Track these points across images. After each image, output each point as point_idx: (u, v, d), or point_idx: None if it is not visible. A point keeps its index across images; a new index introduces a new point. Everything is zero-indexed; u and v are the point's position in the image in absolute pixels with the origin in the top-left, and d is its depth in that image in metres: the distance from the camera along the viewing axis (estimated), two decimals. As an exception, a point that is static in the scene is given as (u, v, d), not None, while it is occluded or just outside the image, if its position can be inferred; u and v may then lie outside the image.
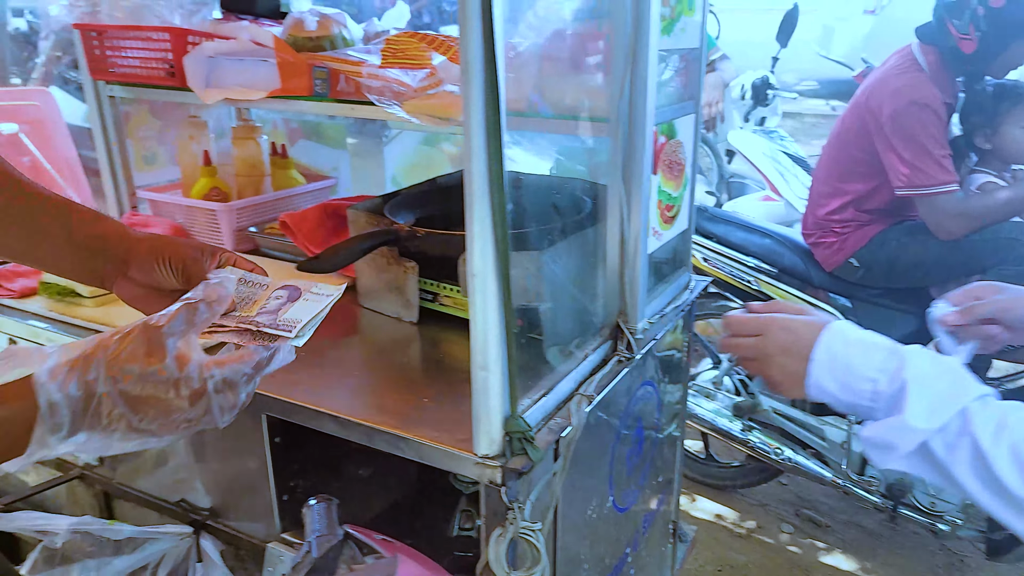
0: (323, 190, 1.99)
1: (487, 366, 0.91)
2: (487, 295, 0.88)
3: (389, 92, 1.34)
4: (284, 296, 0.80)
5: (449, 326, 1.37)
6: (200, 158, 1.80)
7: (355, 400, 1.13)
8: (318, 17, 1.59)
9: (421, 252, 1.35)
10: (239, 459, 1.23)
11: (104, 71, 1.70)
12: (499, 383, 0.92)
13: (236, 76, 1.57)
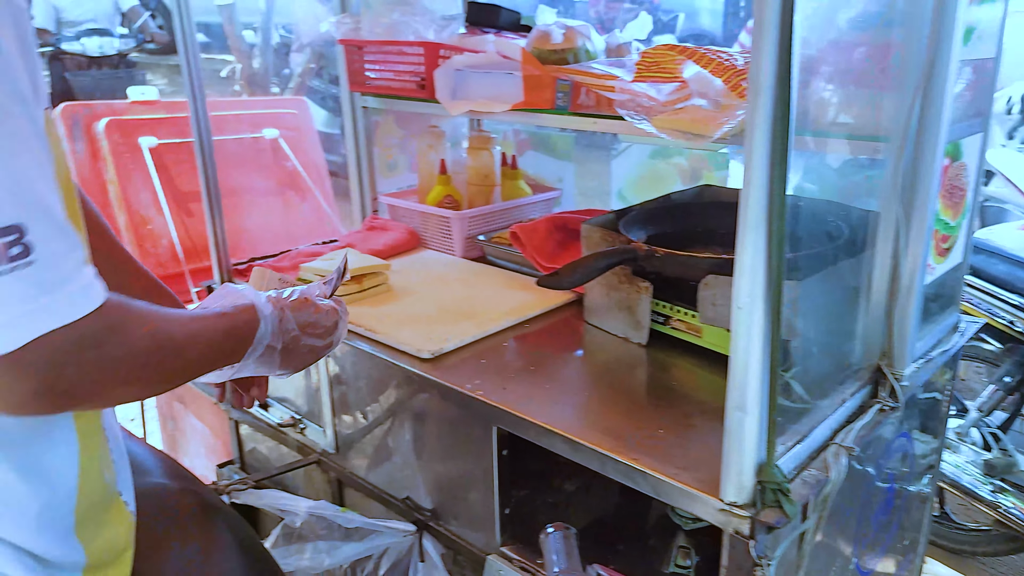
0: (548, 201, 2.00)
1: (745, 407, 0.83)
2: (752, 330, 0.81)
3: (636, 106, 1.30)
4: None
5: (680, 351, 1.31)
6: (437, 166, 1.88)
7: (584, 421, 1.10)
8: (564, 30, 1.58)
9: (656, 272, 1.30)
10: (465, 466, 1.25)
11: (361, 83, 1.82)
12: (756, 426, 0.84)
13: (481, 89, 1.62)
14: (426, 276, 1.68)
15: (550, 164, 2.14)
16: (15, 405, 0.66)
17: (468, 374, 1.23)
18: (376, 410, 1.38)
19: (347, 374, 1.41)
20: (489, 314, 1.44)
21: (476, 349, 1.33)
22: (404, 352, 1.30)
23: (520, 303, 1.49)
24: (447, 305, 1.49)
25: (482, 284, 1.62)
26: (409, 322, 1.40)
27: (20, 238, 0.62)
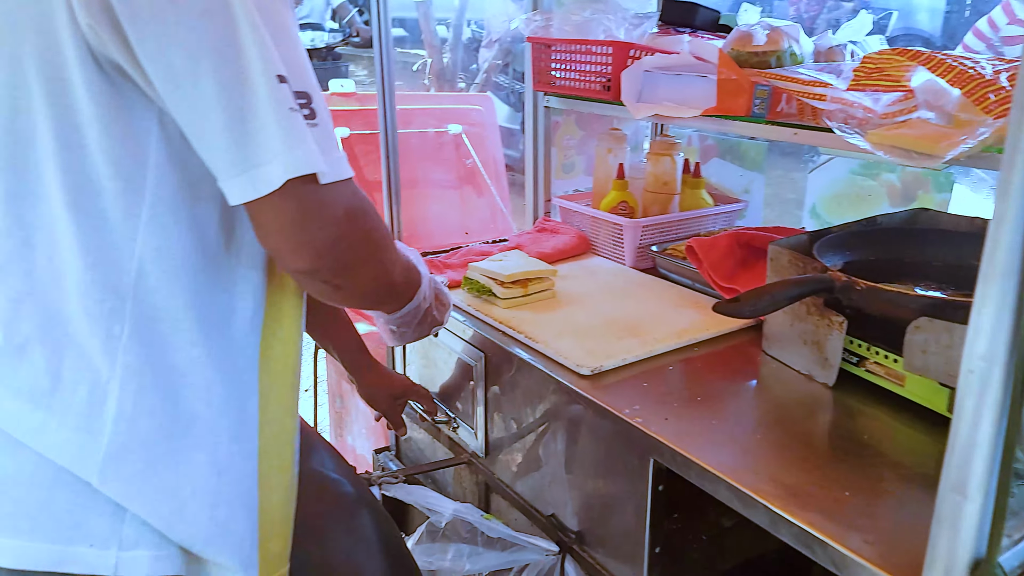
0: (731, 214, 1.86)
1: (965, 490, 0.69)
2: (986, 399, 0.66)
3: (847, 117, 1.15)
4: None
5: (875, 399, 1.14)
6: (614, 171, 1.80)
7: (754, 468, 0.99)
8: (768, 30, 1.45)
9: (854, 307, 1.14)
10: (617, 493, 1.17)
11: (546, 83, 1.78)
12: (977, 515, 0.69)
13: (670, 92, 1.52)
14: (592, 284, 1.61)
15: (737, 173, 1.99)
16: (322, 246, 0.74)
17: (628, 397, 1.15)
18: (528, 419, 1.33)
19: (502, 378, 1.38)
20: (656, 332, 1.34)
21: (639, 370, 1.24)
22: (562, 365, 1.24)
23: (690, 323, 1.38)
24: (612, 318, 1.41)
25: (650, 299, 1.52)
26: (570, 333, 1.34)
27: (309, 103, 0.72)
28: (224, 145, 0.69)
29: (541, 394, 1.29)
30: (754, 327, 1.36)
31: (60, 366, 0.76)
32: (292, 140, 0.70)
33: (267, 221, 0.73)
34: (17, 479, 0.76)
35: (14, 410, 0.76)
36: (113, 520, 0.77)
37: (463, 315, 1.47)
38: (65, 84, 0.71)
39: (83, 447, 0.76)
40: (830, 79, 1.24)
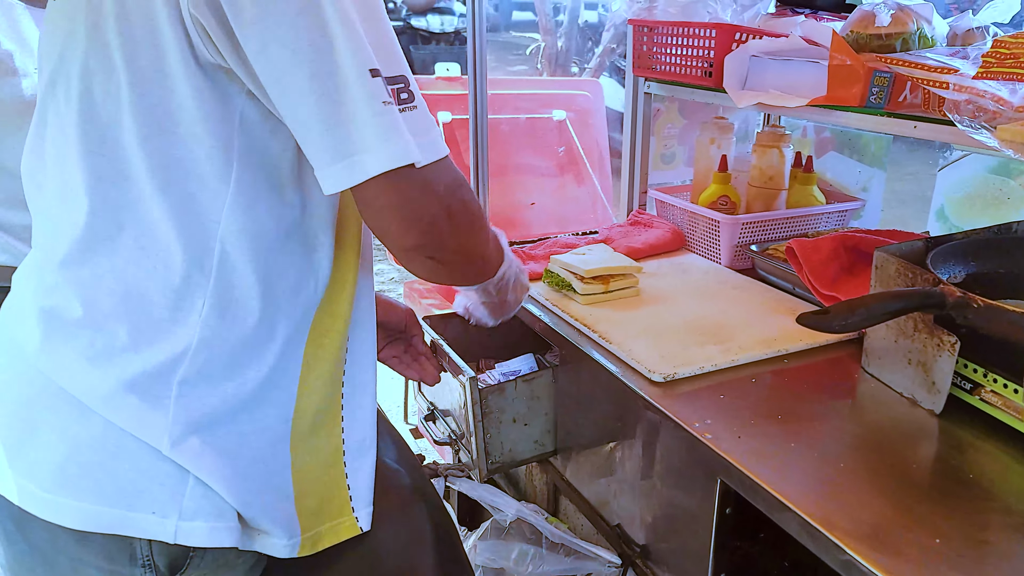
0: (845, 213, 1.70)
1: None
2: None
3: (975, 110, 1.01)
4: None
5: (988, 432, 1.00)
6: (716, 163, 1.69)
7: (833, 501, 0.88)
8: (894, 10, 1.30)
9: (970, 326, 1.00)
10: (683, 510, 1.09)
11: (646, 68, 1.69)
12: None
13: (777, 79, 1.40)
14: (682, 283, 1.52)
15: (856, 169, 1.82)
16: (413, 227, 0.77)
17: (701, 409, 1.07)
18: (599, 422, 1.27)
19: (575, 375, 1.32)
20: (742, 340, 1.24)
21: (717, 380, 1.15)
22: (634, 369, 1.17)
23: (783, 332, 1.27)
24: (696, 321, 1.32)
25: (743, 302, 1.41)
26: (647, 335, 1.26)
27: (406, 87, 0.75)
28: (321, 137, 0.72)
29: (612, 398, 1.23)
30: (855, 340, 1.24)
31: (138, 338, 0.79)
32: (386, 133, 0.71)
33: (372, 204, 0.76)
34: (87, 444, 0.79)
35: (87, 378, 0.79)
36: (175, 490, 0.80)
37: (539, 308, 1.42)
38: (161, 73, 0.74)
39: (152, 415, 0.79)
40: (961, 65, 1.09)
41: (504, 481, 1.65)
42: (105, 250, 0.79)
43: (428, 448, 2.56)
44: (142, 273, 0.79)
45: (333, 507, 0.93)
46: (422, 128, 0.75)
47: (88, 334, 0.80)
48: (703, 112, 1.89)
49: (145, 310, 0.79)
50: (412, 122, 0.74)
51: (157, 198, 0.77)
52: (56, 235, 0.83)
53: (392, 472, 1.12)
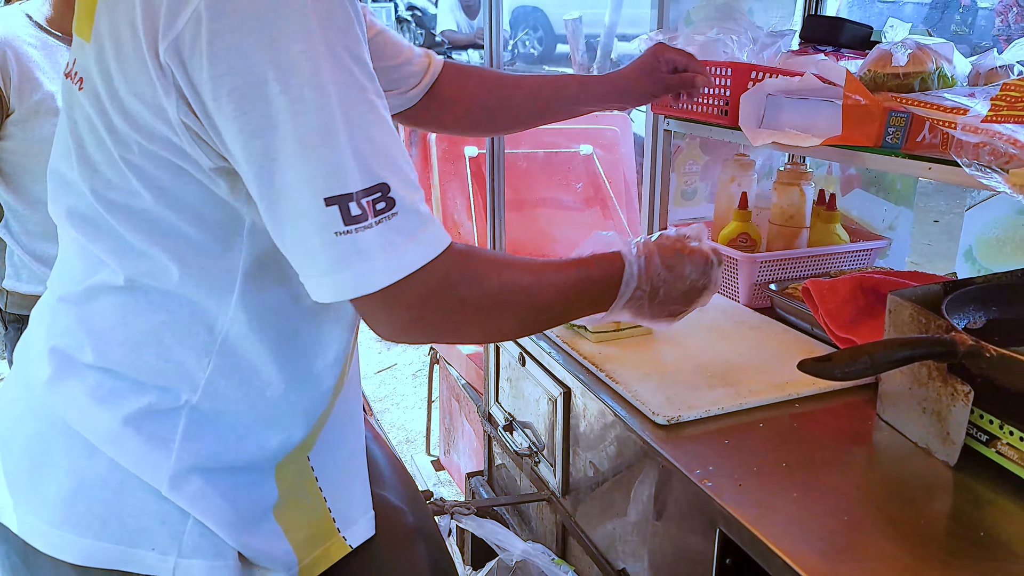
0: (869, 252, 1.67)
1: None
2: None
3: (990, 152, 0.98)
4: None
5: (1006, 487, 0.96)
6: (737, 200, 1.68)
7: (838, 559, 0.85)
8: (912, 49, 1.28)
9: (984, 376, 0.97)
10: (686, 559, 1.07)
11: (664, 105, 1.69)
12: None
13: (793, 117, 1.38)
14: (697, 322, 1.48)
15: (882, 207, 1.78)
16: (394, 332, 0.77)
17: (704, 454, 1.05)
18: (606, 464, 1.26)
19: (583, 416, 1.31)
20: (753, 383, 1.22)
21: (723, 424, 1.13)
22: (638, 410, 1.16)
23: (796, 375, 1.20)
24: (707, 362, 1.30)
25: (758, 342, 1.39)
26: (654, 375, 1.24)
27: (385, 194, 0.70)
28: (285, 250, 0.73)
29: (615, 438, 1.21)
30: (871, 385, 1.20)
31: (144, 385, 0.81)
32: (337, 264, 0.70)
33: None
34: (93, 482, 0.81)
35: (93, 416, 0.81)
36: (175, 528, 0.81)
37: (550, 345, 1.41)
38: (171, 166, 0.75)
39: (155, 455, 0.80)
40: (977, 105, 1.06)
41: (516, 519, 1.63)
42: (118, 300, 0.80)
43: (448, 482, 2.55)
44: (152, 326, 0.80)
45: (321, 533, 0.93)
46: (401, 234, 0.71)
47: (96, 376, 0.81)
48: (725, 149, 1.88)
49: (155, 359, 0.81)
50: (388, 233, 0.70)
51: (172, 266, 0.78)
52: (71, 277, 0.84)
53: (393, 510, 1.12)
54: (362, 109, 0.70)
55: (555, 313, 0.91)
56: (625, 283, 0.92)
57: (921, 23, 8.29)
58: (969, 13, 8.84)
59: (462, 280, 0.77)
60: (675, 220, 1.85)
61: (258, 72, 0.67)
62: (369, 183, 0.69)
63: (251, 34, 0.66)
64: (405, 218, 0.71)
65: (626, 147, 2.70)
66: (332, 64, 0.68)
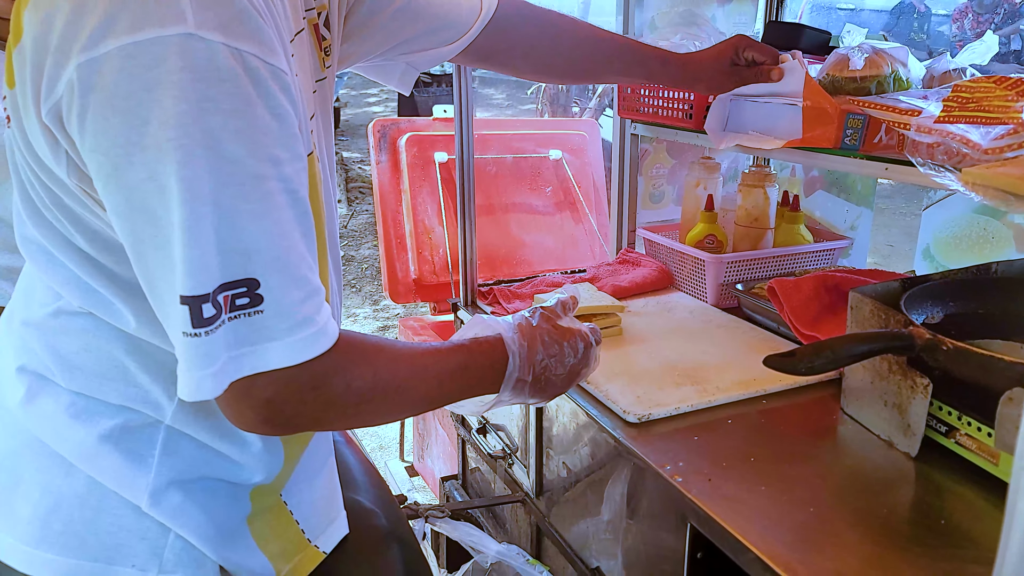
0: (832, 252, 1.70)
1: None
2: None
3: (943, 152, 1.01)
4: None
5: (964, 476, 0.99)
6: (703, 202, 1.70)
7: (804, 549, 0.87)
8: (868, 54, 1.31)
9: (942, 368, 1.00)
10: (658, 554, 1.08)
11: (632, 110, 1.72)
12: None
13: (755, 120, 1.41)
14: (666, 322, 1.52)
15: (844, 208, 1.83)
16: (244, 426, 0.73)
17: (674, 451, 1.06)
18: (577, 464, 1.27)
19: (554, 417, 1.32)
20: (720, 380, 1.24)
21: (692, 421, 1.15)
22: (609, 409, 1.17)
23: (763, 372, 1.24)
24: (675, 361, 1.32)
25: (726, 341, 1.41)
26: (624, 375, 1.26)
27: (252, 290, 0.65)
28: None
29: (589, 439, 1.22)
30: (836, 380, 1.23)
31: (118, 406, 0.79)
32: (187, 363, 0.66)
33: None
34: (70, 499, 0.80)
35: (69, 433, 0.80)
36: (156, 543, 0.81)
37: (522, 348, 1.42)
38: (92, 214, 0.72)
39: (134, 471, 0.79)
40: (929, 107, 1.10)
41: (491, 521, 1.64)
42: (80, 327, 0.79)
43: (422, 487, 2.55)
44: (115, 355, 0.79)
45: (292, 545, 0.93)
46: (259, 332, 0.66)
47: (69, 395, 0.80)
48: (691, 152, 1.91)
49: (128, 376, 0.79)
50: (241, 330, 0.66)
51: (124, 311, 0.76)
52: (35, 300, 0.82)
53: (366, 513, 1.12)
54: (244, 202, 0.64)
55: (428, 402, 0.86)
56: (508, 374, 0.86)
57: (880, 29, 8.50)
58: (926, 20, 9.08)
59: (331, 380, 0.72)
60: (644, 222, 1.87)
61: (123, 155, 0.62)
62: (231, 278, 0.64)
63: (120, 114, 0.61)
64: (272, 318, 0.66)
65: (594, 152, 2.73)
66: (209, 154, 0.62)
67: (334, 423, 0.81)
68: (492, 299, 1.62)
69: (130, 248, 0.67)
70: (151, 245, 0.65)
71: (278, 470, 0.89)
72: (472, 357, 0.86)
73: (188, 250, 0.63)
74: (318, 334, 0.69)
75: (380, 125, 2.46)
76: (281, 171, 0.67)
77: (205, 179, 0.63)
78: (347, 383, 0.73)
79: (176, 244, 0.63)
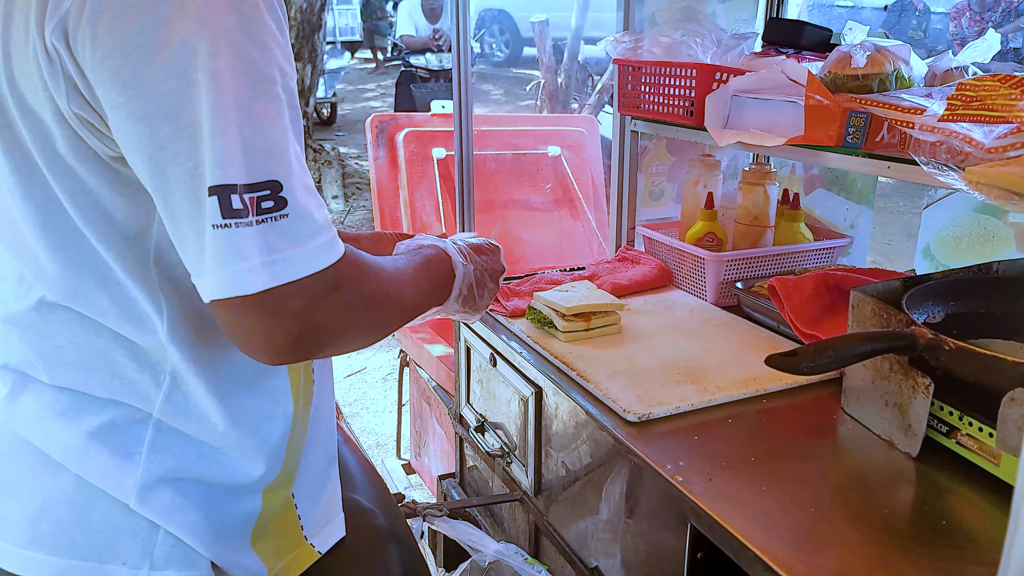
0: (832, 250, 1.70)
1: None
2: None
3: (947, 151, 1.01)
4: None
5: (966, 477, 0.99)
6: (703, 200, 1.70)
7: (805, 549, 0.87)
8: (870, 51, 1.31)
9: (943, 368, 0.99)
10: (658, 554, 1.08)
11: (631, 107, 1.71)
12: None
13: (757, 117, 1.41)
14: (665, 321, 1.51)
15: (844, 206, 1.82)
16: (273, 350, 0.70)
17: (674, 450, 1.06)
18: (577, 462, 1.26)
19: (553, 416, 1.32)
20: (720, 379, 1.23)
21: (692, 420, 1.14)
22: (609, 408, 1.17)
23: (763, 371, 1.25)
24: (675, 360, 1.31)
25: (725, 340, 1.41)
26: (624, 374, 1.25)
27: (276, 193, 0.66)
28: (179, 248, 0.69)
29: (589, 437, 1.22)
30: (836, 380, 1.22)
31: (104, 400, 0.78)
32: (216, 259, 0.65)
33: (221, 324, 0.70)
34: (58, 500, 0.79)
35: (55, 432, 0.79)
36: (147, 540, 0.80)
37: (521, 345, 1.42)
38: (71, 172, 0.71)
39: (121, 469, 0.78)
40: (932, 105, 1.09)
41: (489, 520, 1.63)
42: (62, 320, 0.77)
43: (419, 485, 2.54)
44: (100, 346, 0.77)
45: (288, 542, 0.92)
46: (288, 239, 0.67)
47: (54, 392, 0.79)
48: (691, 149, 1.90)
49: (115, 373, 0.78)
50: (270, 235, 0.66)
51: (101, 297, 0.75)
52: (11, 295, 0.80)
53: (365, 513, 1.11)
54: (260, 103, 0.66)
55: (412, 312, 0.91)
56: (456, 284, 0.99)
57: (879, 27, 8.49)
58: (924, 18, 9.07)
59: (346, 287, 0.73)
60: (643, 220, 1.86)
61: (143, 56, 0.62)
62: (256, 179, 0.65)
63: (137, 14, 0.62)
64: (295, 223, 0.67)
65: (593, 148, 2.72)
66: (230, 50, 0.63)
67: (352, 331, 0.78)
68: (491, 296, 1.61)
69: (148, 159, 0.65)
70: (173, 147, 0.64)
71: (279, 462, 0.87)
72: (433, 269, 0.96)
73: (216, 139, 0.63)
74: (334, 240, 0.71)
75: (378, 120, 2.45)
76: (286, 83, 0.69)
77: (227, 75, 0.63)
78: (360, 287, 0.75)
79: (203, 136, 0.63)
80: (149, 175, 0.66)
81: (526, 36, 10.65)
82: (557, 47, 4.78)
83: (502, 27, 11.98)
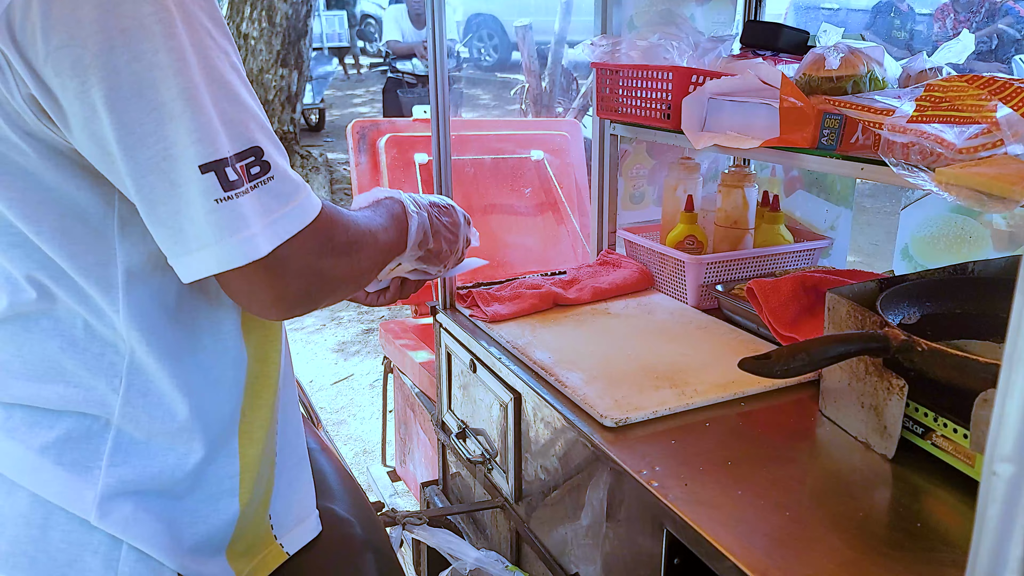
0: (812, 252, 1.70)
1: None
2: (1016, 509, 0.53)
3: (918, 152, 1.01)
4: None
5: (941, 478, 0.99)
6: (683, 203, 1.70)
7: (779, 553, 0.86)
8: (844, 53, 1.31)
9: (917, 369, 0.99)
10: (636, 560, 1.07)
11: (610, 110, 1.71)
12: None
13: (733, 120, 1.41)
14: (644, 324, 1.51)
15: (823, 208, 1.82)
16: (286, 306, 0.74)
17: (651, 455, 1.05)
18: (556, 468, 1.26)
19: (531, 421, 1.31)
20: (698, 383, 1.23)
21: (670, 424, 1.13)
22: (586, 413, 1.16)
23: (741, 375, 1.23)
24: (654, 364, 1.31)
25: (705, 343, 1.40)
26: (602, 378, 1.25)
27: (260, 158, 0.68)
28: (158, 229, 0.68)
29: (565, 442, 1.21)
30: (815, 382, 1.22)
31: (58, 413, 0.77)
32: (220, 232, 0.67)
33: (228, 288, 0.73)
34: (13, 519, 0.78)
35: (9, 451, 0.78)
36: (108, 556, 0.79)
37: (500, 351, 1.41)
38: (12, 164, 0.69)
39: (79, 484, 0.77)
40: (904, 106, 1.09)
41: (471, 527, 1.62)
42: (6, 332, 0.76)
43: (405, 492, 2.53)
44: (49, 353, 0.76)
45: (258, 543, 0.91)
46: (279, 199, 0.69)
47: (3, 410, 0.78)
48: (671, 153, 1.90)
49: (67, 382, 0.76)
50: (264, 198, 0.68)
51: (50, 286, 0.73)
52: None
53: (341, 522, 1.10)
54: (223, 71, 0.67)
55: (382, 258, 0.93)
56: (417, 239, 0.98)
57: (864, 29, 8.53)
58: (908, 19, 9.13)
59: (331, 236, 0.77)
60: (624, 223, 1.86)
61: (102, 40, 0.61)
62: (241, 147, 0.67)
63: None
64: (281, 183, 0.70)
65: (577, 152, 2.72)
66: (188, 25, 0.64)
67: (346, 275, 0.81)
68: (471, 302, 1.60)
69: (123, 150, 0.64)
70: (151, 127, 0.64)
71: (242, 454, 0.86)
72: (394, 218, 0.95)
73: (196, 117, 0.64)
74: (311, 191, 0.74)
75: (359, 126, 2.44)
76: (234, 47, 0.71)
77: (189, 50, 0.64)
78: (344, 232, 0.79)
79: (180, 116, 0.64)
80: (124, 161, 0.65)
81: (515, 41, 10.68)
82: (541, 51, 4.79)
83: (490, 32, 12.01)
